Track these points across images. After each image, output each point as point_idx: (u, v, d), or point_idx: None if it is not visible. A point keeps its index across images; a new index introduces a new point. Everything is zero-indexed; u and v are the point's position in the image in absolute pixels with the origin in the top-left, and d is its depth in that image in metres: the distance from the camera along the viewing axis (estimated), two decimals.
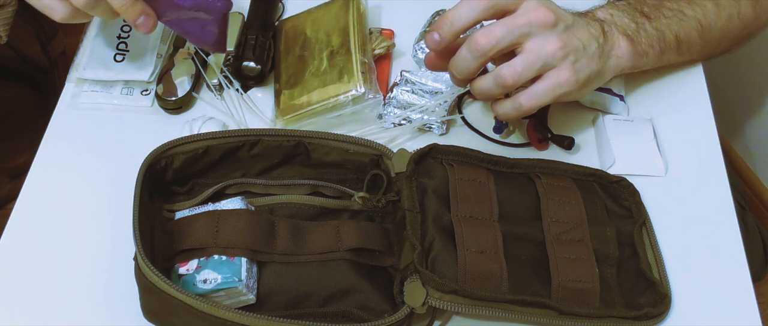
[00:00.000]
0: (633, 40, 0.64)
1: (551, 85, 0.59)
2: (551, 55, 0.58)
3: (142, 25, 0.60)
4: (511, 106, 0.60)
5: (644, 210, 0.62)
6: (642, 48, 0.65)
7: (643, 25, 0.66)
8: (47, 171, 0.66)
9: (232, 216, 0.56)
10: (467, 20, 0.59)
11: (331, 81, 0.67)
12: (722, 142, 0.69)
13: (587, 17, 0.63)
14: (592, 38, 0.61)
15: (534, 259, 0.57)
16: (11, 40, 1.17)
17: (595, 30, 0.62)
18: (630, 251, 0.59)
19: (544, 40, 0.58)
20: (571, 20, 0.60)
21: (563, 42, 0.58)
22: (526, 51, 0.58)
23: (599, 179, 0.64)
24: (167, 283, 0.49)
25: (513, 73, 0.58)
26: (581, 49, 0.60)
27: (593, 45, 0.61)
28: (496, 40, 0.57)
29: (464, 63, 0.59)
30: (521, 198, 0.60)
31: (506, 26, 0.58)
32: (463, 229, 0.56)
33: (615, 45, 0.63)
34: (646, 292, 0.57)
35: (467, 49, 0.58)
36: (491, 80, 0.59)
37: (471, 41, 0.58)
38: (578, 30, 0.60)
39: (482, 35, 0.58)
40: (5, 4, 1.11)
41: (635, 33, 0.65)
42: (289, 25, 0.76)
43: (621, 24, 0.65)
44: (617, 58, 0.64)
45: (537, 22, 0.58)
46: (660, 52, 0.67)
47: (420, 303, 0.52)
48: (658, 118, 0.70)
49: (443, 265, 0.54)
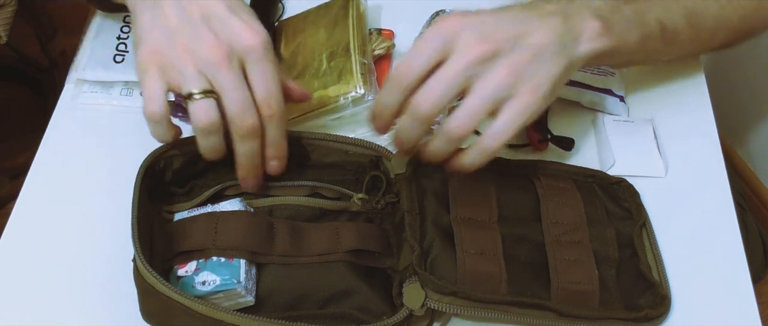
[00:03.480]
0: (607, 21, 0.58)
1: (512, 115, 0.53)
2: (500, 88, 0.52)
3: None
4: (476, 154, 0.54)
5: (644, 212, 0.62)
6: (619, 29, 0.59)
7: (618, 7, 0.60)
8: (47, 171, 0.66)
9: (231, 217, 0.56)
10: (396, 105, 0.54)
11: (331, 82, 0.67)
12: (722, 143, 0.69)
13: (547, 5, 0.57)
14: (549, 35, 0.55)
15: (533, 261, 0.57)
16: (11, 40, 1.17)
17: (553, 21, 0.55)
18: (630, 252, 0.59)
19: (489, 74, 0.52)
20: (516, 29, 0.54)
21: (510, 68, 0.52)
22: (472, 95, 0.52)
23: (599, 180, 0.64)
24: (166, 285, 0.49)
25: (462, 126, 0.52)
26: (536, 57, 0.54)
27: (552, 44, 0.54)
28: (438, 101, 0.52)
29: (411, 133, 0.54)
30: (521, 199, 0.60)
31: (444, 81, 0.52)
32: (463, 231, 0.56)
33: (584, 29, 0.57)
34: (646, 293, 0.57)
35: (411, 119, 0.53)
36: (442, 141, 0.54)
37: (413, 110, 0.53)
38: (529, 36, 0.54)
39: (423, 101, 0.52)
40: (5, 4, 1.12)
41: (610, 13, 0.59)
42: (289, 25, 0.76)
43: (593, 6, 0.58)
44: (590, 40, 0.57)
45: (474, 61, 0.52)
46: (642, 38, 0.61)
47: (419, 305, 0.52)
48: (659, 119, 0.70)
49: (442, 267, 0.54)
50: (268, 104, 0.55)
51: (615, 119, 0.68)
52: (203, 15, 0.54)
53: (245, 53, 0.54)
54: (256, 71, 0.54)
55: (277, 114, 0.55)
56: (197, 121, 0.53)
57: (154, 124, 0.55)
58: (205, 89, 0.53)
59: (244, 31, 0.54)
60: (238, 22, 0.54)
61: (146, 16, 0.55)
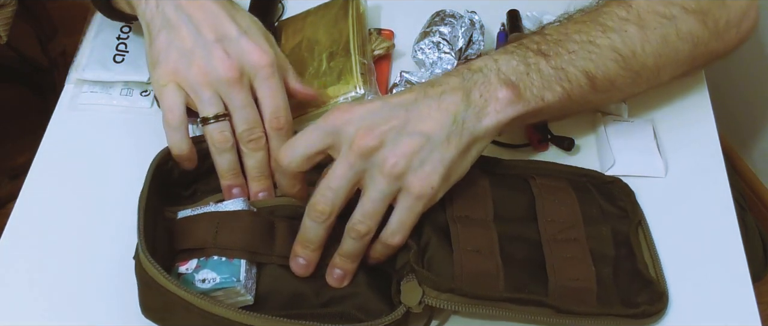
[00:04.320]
0: (517, 87, 0.55)
1: (405, 210, 0.53)
2: (388, 183, 0.52)
3: None
4: (382, 249, 0.55)
5: (640, 210, 0.62)
6: (532, 93, 0.56)
7: (536, 65, 0.57)
8: (47, 171, 0.66)
9: (232, 218, 0.56)
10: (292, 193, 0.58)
11: (331, 82, 0.67)
12: (722, 142, 0.69)
13: (452, 79, 0.55)
14: (441, 118, 0.53)
15: (530, 259, 0.57)
16: (11, 40, 1.17)
17: (449, 101, 0.54)
18: (626, 250, 0.59)
19: (375, 170, 0.52)
20: (403, 117, 0.53)
21: (395, 159, 0.51)
22: (364, 197, 0.53)
23: (593, 179, 0.64)
24: (167, 278, 0.49)
25: (364, 227, 0.53)
26: (425, 144, 0.52)
27: (443, 127, 0.53)
28: (334, 200, 0.52)
29: (315, 232, 0.54)
30: (516, 198, 0.60)
31: (334, 183, 0.52)
32: (459, 229, 0.56)
33: (490, 99, 0.54)
34: (644, 291, 0.57)
35: (310, 219, 0.53)
36: (351, 241, 0.54)
37: (311, 211, 0.53)
38: (417, 122, 0.52)
39: (319, 200, 0.52)
40: (5, 4, 1.12)
41: (523, 76, 0.56)
42: (289, 25, 0.76)
43: (505, 69, 0.56)
44: (497, 112, 0.54)
45: (359, 157, 0.52)
46: (565, 93, 0.57)
47: (416, 303, 0.52)
48: (658, 119, 0.70)
49: (439, 265, 0.54)
50: (276, 118, 0.59)
51: (615, 119, 0.68)
52: (217, 37, 0.59)
53: (255, 71, 0.59)
54: (265, 88, 0.59)
55: (285, 127, 0.59)
56: (214, 141, 0.58)
57: (173, 131, 0.58)
58: (219, 113, 0.58)
59: (254, 51, 0.59)
60: (248, 42, 0.59)
61: (162, 37, 0.59)
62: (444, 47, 0.70)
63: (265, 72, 0.59)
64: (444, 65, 0.70)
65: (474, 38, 0.72)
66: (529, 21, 0.78)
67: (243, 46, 0.59)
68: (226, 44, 0.59)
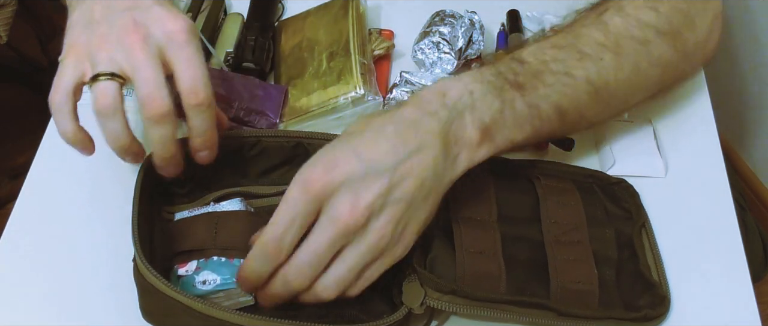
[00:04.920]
0: (489, 131, 0.53)
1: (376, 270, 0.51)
2: (374, 253, 0.49)
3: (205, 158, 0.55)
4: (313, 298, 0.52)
5: (644, 212, 0.62)
6: (503, 135, 0.54)
7: (511, 102, 0.54)
8: (47, 171, 0.66)
9: (232, 217, 0.56)
10: (265, 275, 0.50)
11: (331, 82, 0.67)
12: (722, 142, 0.69)
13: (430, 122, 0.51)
14: (424, 174, 0.50)
15: (533, 260, 0.57)
16: (11, 40, 1.17)
17: (430, 151, 0.50)
18: (629, 253, 0.59)
19: (364, 240, 0.49)
20: (389, 179, 0.48)
21: (381, 232, 0.48)
22: (341, 262, 0.50)
23: (598, 181, 0.64)
24: (166, 284, 0.49)
25: (328, 291, 0.50)
26: (407, 209, 0.49)
27: (425, 184, 0.50)
28: (308, 277, 0.50)
29: (282, 293, 0.51)
30: (520, 199, 0.60)
31: (316, 256, 0.49)
32: (462, 230, 0.56)
33: (463, 148, 0.52)
34: (646, 294, 0.57)
35: (282, 286, 0.50)
36: (312, 299, 0.51)
37: (285, 282, 0.50)
38: (402, 183, 0.49)
39: (293, 275, 0.49)
40: (5, 4, 1.12)
41: (497, 115, 0.53)
42: (289, 25, 0.76)
43: (480, 106, 0.53)
44: (468, 159, 0.53)
45: (348, 233, 0.48)
46: (534, 131, 0.56)
47: (418, 304, 0.52)
48: (658, 119, 0.70)
49: (442, 266, 0.54)
50: (194, 92, 0.51)
51: (615, 119, 0.68)
52: (127, 6, 0.53)
53: (167, 39, 0.51)
54: (179, 58, 0.51)
55: (205, 103, 0.51)
56: (94, 102, 0.51)
57: (56, 113, 0.52)
58: (111, 72, 0.50)
59: (166, 16, 0.52)
60: (161, 10, 0.52)
61: (76, 14, 0.55)
62: (444, 47, 0.70)
63: (179, 38, 0.51)
64: (444, 65, 0.70)
65: (474, 38, 0.72)
66: (529, 21, 0.78)
67: (154, 13, 0.52)
68: (135, 12, 0.52)
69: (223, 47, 0.72)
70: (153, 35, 0.51)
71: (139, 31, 0.51)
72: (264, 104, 0.67)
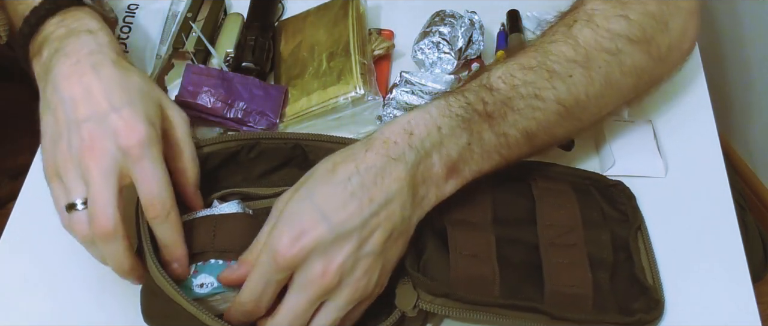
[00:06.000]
0: (457, 167, 0.54)
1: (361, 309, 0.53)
2: (348, 306, 0.51)
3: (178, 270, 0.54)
4: None
5: (640, 215, 0.62)
6: (470, 168, 0.55)
7: (479, 134, 0.54)
8: None
9: (230, 220, 0.56)
10: None
11: (331, 82, 0.67)
12: (722, 142, 0.69)
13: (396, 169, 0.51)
14: (391, 223, 0.51)
15: (527, 263, 0.56)
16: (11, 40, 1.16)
17: (399, 203, 0.51)
18: (625, 256, 0.59)
19: (339, 296, 0.50)
20: (358, 237, 0.49)
21: (355, 287, 0.50)
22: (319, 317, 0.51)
23: (596, 183, 0.63)
24: (176, 290, 0.49)
25: None
26: (377, 258, 0.51)
27: (393, 233, 0.51)
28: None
29: None
30: (516, 201, 0.60)
31: (295, 317, 0.50)
32: (456, 233, 0.56)
33: (431, 187, 0.53)
34: (640, 298, 0.56)
35: None
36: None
37: None
38: (371, 239, 0.50)
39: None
40: None
41: (465, 151, 0.54)
42: (289, 25, 0.76)
43: (448, 144, 0.53)
44: (436, 197, 0.54)
45: (323, 293, 0.50)
46: (503, 159, 0.56)
47: (411, 307, 0.52)
48: (658, 119, 0.70)
49: (435, 269, 0.54)
50: (150, 206, 0.51)
51: (615, 119, 0.68)
52: (86, 116, 0.52)
53: (122, 154, 0.51)
54: (135, 172, 0.51)
55: (162, 215, 0.51)
56: (76, 234, 0.52)
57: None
58: (84, 198, 0.51)
59: (121, 128, 0.51)
60: (116, 119, 0.51)
61: (43, 121, 0.54)
62: (444, 47, 0.70)
63: (134, 153, 0.50)
64: (444, 65, 0.70)
65: (474, 38, 0.72)
66: (529, 21, 0.78)
67: (110, 125, 0.51)
68: (92, 126, 0.51)
69: (223, 47, 0.72)
70: (108, 151, 0.51)
71: (95, 148, 0.51)
72: (264, 104, 0.67)
